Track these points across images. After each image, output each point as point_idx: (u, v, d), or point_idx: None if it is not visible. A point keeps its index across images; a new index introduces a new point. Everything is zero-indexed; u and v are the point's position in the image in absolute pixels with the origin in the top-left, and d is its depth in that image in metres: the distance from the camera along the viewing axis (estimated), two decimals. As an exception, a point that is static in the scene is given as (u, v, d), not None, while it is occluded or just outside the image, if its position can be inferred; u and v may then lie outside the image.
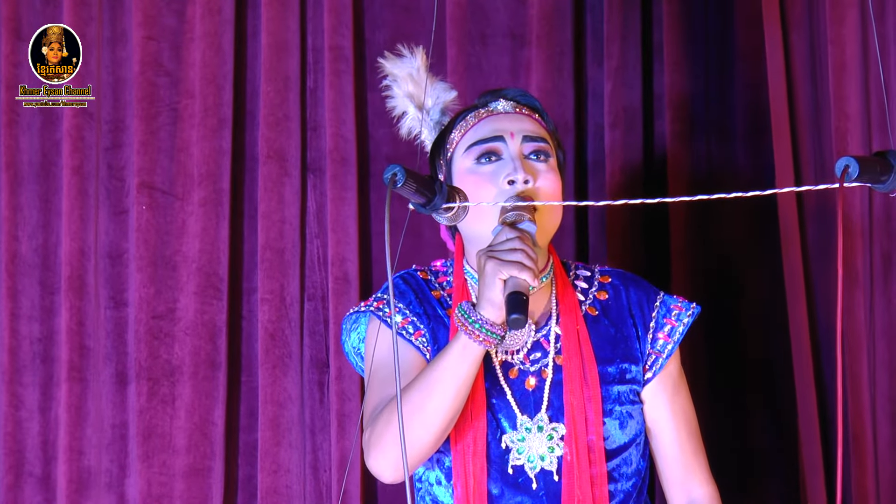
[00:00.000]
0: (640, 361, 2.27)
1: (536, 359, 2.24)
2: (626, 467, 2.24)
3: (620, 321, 2.27)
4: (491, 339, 2.08)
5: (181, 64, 3.00)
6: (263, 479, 2.91)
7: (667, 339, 2.28)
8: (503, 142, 2.24)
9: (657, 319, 2.29)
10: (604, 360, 2.24)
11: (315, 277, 2.97)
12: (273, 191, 2.94)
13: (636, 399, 2.26)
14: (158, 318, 2.95)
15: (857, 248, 2.66)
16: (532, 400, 2.22)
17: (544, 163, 2.24)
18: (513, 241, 2.09)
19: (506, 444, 2.20)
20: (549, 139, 2.27)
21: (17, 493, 2.99)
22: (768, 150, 2.76)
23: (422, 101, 2.39)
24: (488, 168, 2.23)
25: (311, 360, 2.95)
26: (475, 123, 2.29)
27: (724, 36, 2.91)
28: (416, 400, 2.13)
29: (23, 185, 3.02)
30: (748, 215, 2.85)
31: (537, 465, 2.19)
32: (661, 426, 2.29)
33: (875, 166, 2.01)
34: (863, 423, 2.64)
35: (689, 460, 2.29)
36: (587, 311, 2.28)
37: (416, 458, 2.16)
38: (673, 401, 2.29)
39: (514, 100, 2.31)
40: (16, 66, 3.01)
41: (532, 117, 2.29)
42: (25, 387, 3.00)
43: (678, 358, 2.31)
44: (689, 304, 2.31)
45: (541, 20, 2.90)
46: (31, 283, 3.02)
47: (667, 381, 2.28)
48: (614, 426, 2.22)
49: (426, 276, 2.35)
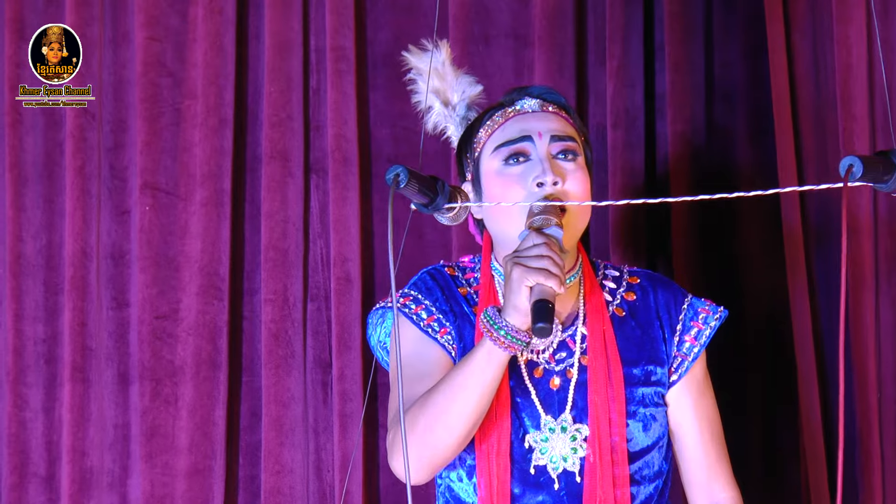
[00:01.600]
0: (666, 364, 2.25)
1: (562, 359, 2.23)
2: (647, 470, 2.23)
3: (647, 323, 2.26)
4: (516, 346, 2.08)
5: (184, 64, 3.00)
6: (267, 479, 2.91)
7: (693, 342, 2.27)
8: (531, 142, 2.22)
9: (684, 322, 2.28)
10: (629, 361, 2.23)
11: (318, 278, 2.97)
12: (276, 191, 2.94)
13: (660, 401, 2.25)
14: (161, 318, 2.95)
15: (863, 247, 2.66)
16: (556, 400, 2.21)
17: (573, 162, 2.22)
18: (539, 247, 2.07)
19: (529, 443, 2.20)
20: (576, 137, 2.25)
21: (21, 492, 3.00)
22: (771, 150, 2.76)
23: (447, 97, 2.37)
24: (517, 170, 2.22)
25: (315, 360, 2.95)
26: (502, 123, 2.27)
27: (727, 35, 2.90)
28: (440, 404, 2.12)
29: (27, 185, 3.03)
30: (751, 215, 2.85)
31: (560, 465, 2.19)
32: (686, 429, 2.27)
33: (878, 166, 2.01)
34: (869, 424, 2.64)
35: (713, 464, 2.28)
36: (614, 311, 2.27)
37: (439, 462, 2.16)
38: (697, 404, 2.27)
39: (540, 97, 2.29)
40: (19, 66, 3.02)
41: (559, 115, 2.28)
42: (30, 387, 3.00)
43: (704, 361, 2.29)
44: (716, 308, 2.30)
45: (543, 20, 2.90)
46: (35, 284, 3.02)
47: (692, 384, 2.27)
48: (637, 428, 2.21)
49: (453, 273, 2.33)
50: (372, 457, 2.93)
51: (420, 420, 2.13)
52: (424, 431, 2.12)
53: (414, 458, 2.12)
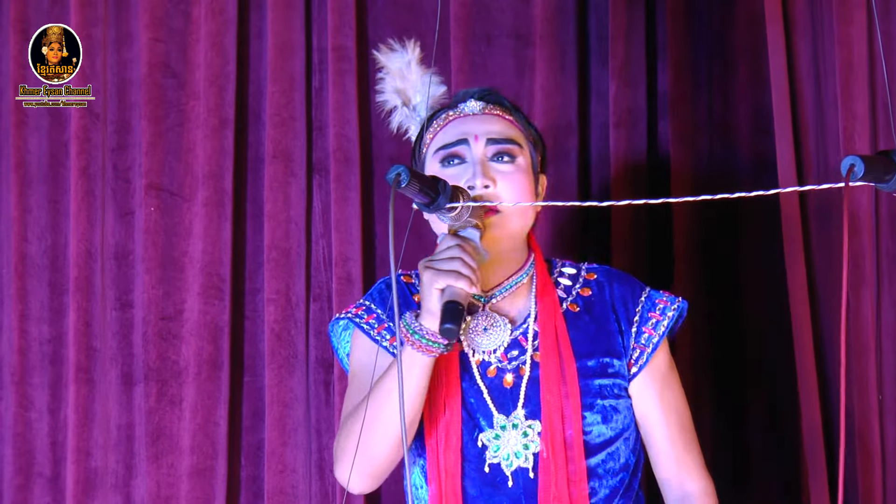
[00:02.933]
0: (624, 356, 2.26)
1: (514, 356, 2.24)
2: (612, 462, 2.23)
3: (603, 317, 2.27)
4: (433, 349, 2.11)
5: (188, 65, 3.00)
6: (270, 479, 2.91)
7: (651, 332, 2.27)
8: (467, 145, 2.25)
9: (641, 314, 2.28)
10: (583, 354, 2.24)
11: (321, 277, 2.97)
12: (279, 191, 2.94)
13: (622, 393, 2.25)
14: (167, 319, 2.96)
15: (864, 247, 2.66)
16: (509, 398, 2.22)
17: (510, 164, 2.24)
18: (451, 249, 2.10)
19: (482, 442, 2.21)
20: (518, 139, 2.27)
21: (26, 493, 3.00)
22: (772, 150, 2.76)
23: (409, 97, 2.40)
24: (452, 171, 2.25)
25: (317, 360, 2.95)
26: (444, 125, 2.31)
27: (727, 35, 2.90)
28: (371, 411, 2.15)
29: (31, 186, 3.03)
30: (751, 215, 2.85)
31: (513, 462, 2.19)
32: (652, 420, 2.28)
33: (879, 165, 2.00)
34: (869, 425, 2.63)
35: (681, 454, 2.28)
36: (568, 307, 2.28)
37: (379, 469, 2.20)
38: (662, 395, 2.28)
39: (483, 100, 2.31)
40: (24, 66, 3.02)
41: (502, 117, 2.29)
42: (35, 388, 3.01)
43: (666, 352, 2.30)
44: (674, 299, 2.30)
45: (545, 20, 2.90)
46: (40, 285, 3.03)
47: (655, 375, 2.28)
48: (596, 420, 2.22)
49: (409, 280, 2.36)
50: (374, 457, 2.93)
51: (354, 428, 2.17)
52: (365, 441, 2.16)
53: (355, 467, 2.17)
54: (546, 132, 2.84)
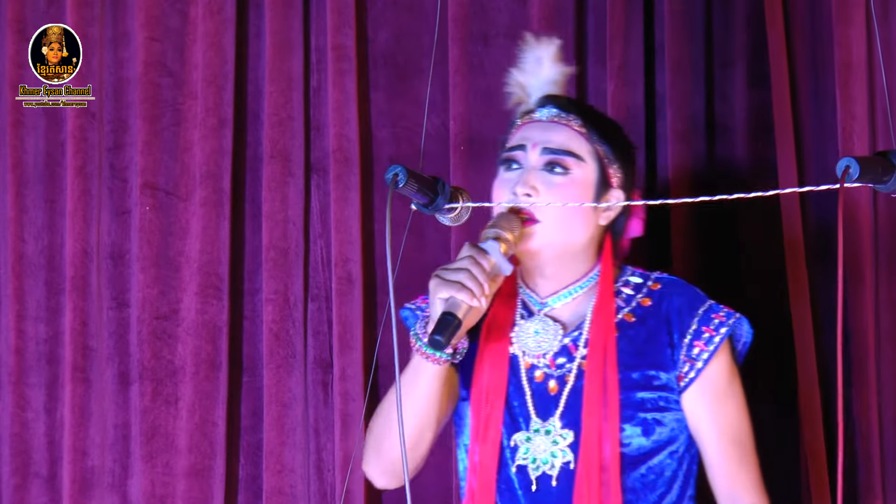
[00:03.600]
0: (672, 369, 2.24)
1: (561, 364, 2.25)
2: (654, 476, 2.23)
3: (655, 328, 2.26)
4: (436, 357, 2.15)
5: (185, 65, 3.00)
6: (268, 479, 2.91)
7: (703, 347, 2.24)
8: (524, 151, 2.26)
9: (697, 327, 2.26)
10: (628, 365, 2.23)
11: (319, 278, 2.97)
12: (277, 191, 2.94)
13: (668, 406, 2.24)
14: (162, 318, 2.96)
15: (863, 247, 2.66)
16: (551, 403, 2.23)
17: (562, 176, 2.23)
18: (462, 260, 2.11)
19: (515, 442, 2.22)
20: (580, 152, 2.25)
21: (23, 493, 3.00)
22: (771, 150, 2.76)
23: (527, 94, 2.36)
24: (507, 176, 2.26)
25: (315, 360, 2.95)
26: (517, 129, 2.31)
27: (727, 35, 2.90)
28: (386, 412, 2.25)
29: (28, 185, 3.03)
30: (751, 215, 2.85)
31: (539, 467, 2.20)
32: (704, 435, 2.25)
33: (877, 167, 2.01)
34: (869, 424, 2.63)
35: (735, 469, 2.25)
36: (624, 317, 2.27)
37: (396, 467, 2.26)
38: (714, 409, 2.24)
39: (558, 107, 2.30)
40: (20, 66, 3.02)
41: (570, 128, 2.28)
42: (31, 387, 3.01)
43: (721, 366, 2.26)
44: (731, 314, 2.28)
45: (542, 20, 2.89)
46: (36, 284, 3.03)
47: (706, 389, 2.24)
48: (636, 433, 2.21)
49: None
50: (373, 457, 2.93)
51: (374, 428, 2.28)
52: (377, 438, 2.27)
53: (374, 465, 2.28)
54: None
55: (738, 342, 2.31)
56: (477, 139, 2.90)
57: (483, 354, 2.26)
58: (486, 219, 2.85)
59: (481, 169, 2.90)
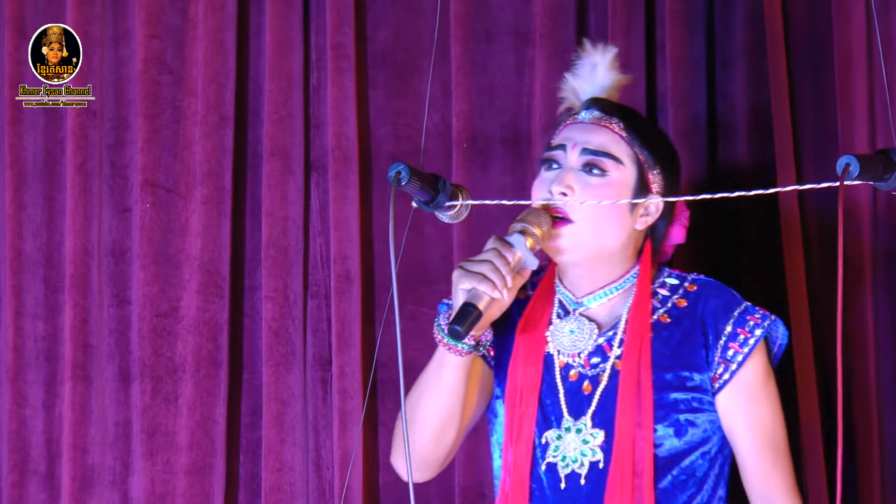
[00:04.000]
0: (706, 370, 2.24)
1: (595, 363, 2.26)
2: (685, 476, 2.23)
3: (691, 329, 2.26)
4: (457, 348, 2.17)
5: (184, 62, 3.00)
6: (267, 476, 2.91)
7: (738, 349, 2.25)
8: (564, 151, 2.27)
9: (732, 329, 2.26)
10: (662, 366, 2.23)
11: (318, 275, 2.97)
12: (276, 188, 2.94)
13: (702, 407, 2.24)
14: (162, 316, 2.96)
15: (862, 245, 2.66)
16: (583, 403, 2.24)
17: (599, 177, 2.24)
18: (487, 252, 2.12)
19: (546, 439, 2.23)
20: (619, 155, 2.25)
21: (21, 490, 3.00)
22: (771, 148, 2.76)
23: (578, 99, 2.38)
24: (546, 175, 2.27)
25: (314, 357, 2.95)
26: (560, 130, 2.32)
27: (727, 33, 2.91)
28: (410, 404, 2.25)
29: (27, 183, 3.03)
30: (751, 213, 2.85)
31: (569, 465, 2.21)
32: (738, 436, 2.26)
33: (877, 164, 2.01)
34: (869, 422, 2.64)
35: (768, 470, 2.25)
36: (659, 318, 2.28)
37: (425, 458, 2.26)
38: (749, 411, 2.25)
39: (601, 110, 2.30)
40: (19, 64, 3.02)
41: (612, 130, 2.28)
42: (30, 385, 3.01)
43: (756, 368, 2.26)
44: (766, 316, 2.28)
45: (544, 18, 2.90)
46: (35, 282, 3.03)
47: (741, 391, 2.24)
48: (668, 433, 2.21)
49: None
50: (372, 454, 2.93)
51: (400, 421, 2.26)
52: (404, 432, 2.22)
53: (401, 457, 2.29)
54: (546, 131, 2.84)
55: (774, 344, 2.31)
56: (479, 137, 2.90)
57: (518, 352, 2.27)
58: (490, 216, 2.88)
59: (483, 166, 2.90)
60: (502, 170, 2.92)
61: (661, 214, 2.31)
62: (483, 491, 2.88)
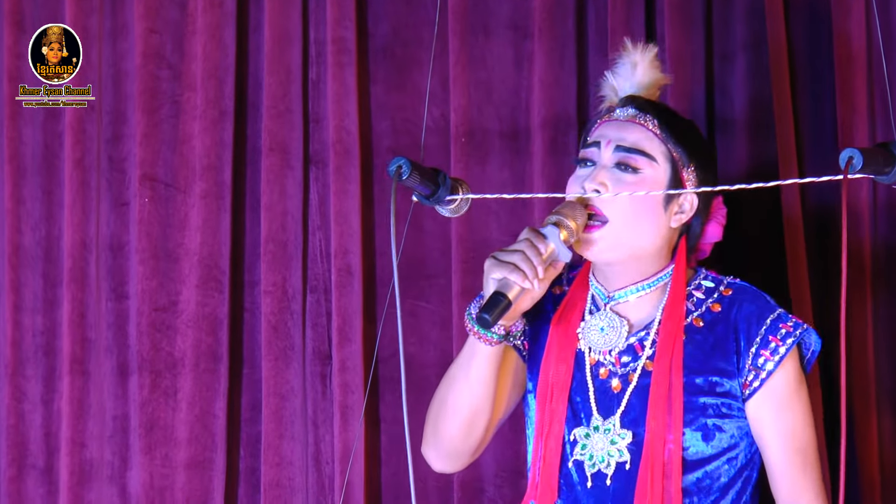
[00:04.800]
0: (737, 376, 2.24)
1: (626, 362, 2.26)
2: (708, 481, 2.23)
3: (723, 335, 2.25)
4: (488, 338, 2.17)
5: (183, 56, 3.00)
6: (267, 471, 2.91)
7: (769, 357, 2.24)
8: (598, 148, 2.26)
9: (764, 336, 2.25)
10: (693, 370, 2.23)
11: (317, 270, 2.97)
12: (275, 183, 2.94)
13: (731, 413, 2.24)
14: (160, 310, 2.96)
15: (862, 239, 2.67)
16: (614, 402, 2.24)
17: (632, 175, 2.23)
18: (520, 242, 2.12)
19: (574, 436, 2.24)
20: (653, 153, 2.25)
21: (19, 484, 3.00)
22: (771, 142, 2.76)
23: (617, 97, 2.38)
24: (581, 172, 2.27)
25: (314, 352, 2.95)
26: (595, 127, 2.32)
27: (726, 28, 2.91)
28: (441, 394, 2.26)
29: (25, 177, 3.03)
30: (750, 208, 2.85)
31: (596, 465, 2.22)
32: (768, 442, 2.25)
33: (878, 158, 2.01)
34: (868, 418, 2.64)
35: (797, 477, 2.25)
36: (692, 321, 2.27)
37: (454, 450, 2.28)
38: (778, 417, 2.24)
39: (637, 108, 2.30)
40: (18, 57, 3.02)
41: (646, 128, 2.27)
42: (28, 379, 3.01)
43: (788, 376, 2.25)
44: (798, 324, 2.27)
45: (543, 12, 2.90)
46: (33, 276, 3.03)
47: (771, 398, 2.24)
48: (696, 437, 2.21)
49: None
50: (373, 449, 2.93)
51: (431, 411, 2.28)
52: (434, 422, 2.28)
53: (432, 447, 2.29)
54: (544, 125, 2.84)
55: (807, 350, 2.30)
56: (477, 131, 2.90)
57: (550, 348, 2.28)
58: (489, 210, 2.88)
59: (481, 161, 2.90)
60: (500, 164, 2.92)
61: (695, 212, 2.30)
62: (482, 486, 2.89)
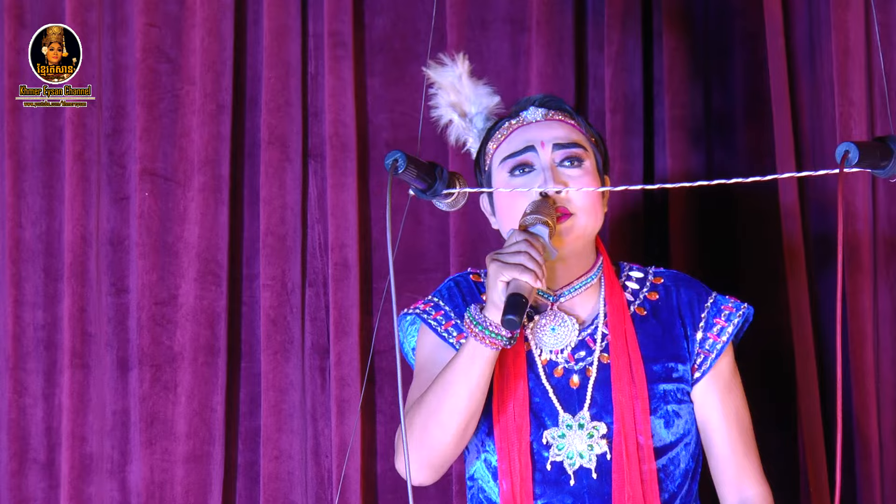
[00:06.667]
0: (688, 361, 2.27)
1: (581, 357, 2.26)
2: (673, 467, 2.24)
3: (669, 321, 2.28)
4: (496, 341, 2.13)
5: (182, 50, 3.00)
6: (265, 465, 2.92)
7: (716, 338, 2.28)
8: (534, 152, 2.26)
9: (707, 319, 2.29)
10: (649, 358, 2.25)
11: (316, 263, 2.98)
12: (274, 176, 2.94)
13: (684, 398, 2.26)
14: (161, 304, 2.96)
15: (861, 233, 2.66)
16: (575, 398, 2.23)
17: (578, 168, 2.25)
18: (519, 243, 2.11)
19: (546, 440, 2.22)
20: (582, 143, 2.27)
21: (21, 479, 3.00)
22: (769, 136, 2.76)
23: (464, 110, 2.38)
24: (521, 180, 2.25)
25: (312, 346, 2.96)
26: (508, 135, 2.31)
27: (724, 20, 2.91)
28: (432, 403, 2.18)
29: (26, 171, 3.03)
30: (749, 201, 2.85)
31: (577, 462, 2.21)
32: (713, 426, 2.28)
33: (875, 152, 2.01)
34: (867, 413, 2.64)
35: (741, 460, 2.28)
36: (635, 311, 2.29)
37: (439, 461, 2.22)
38: (724, 400, 2.28)
39: (544, 106, 2.31)
40: (18, 52, 3.02)
41: (565, 122, 2.30)
42: (29, 373, 3.01)
43: (730, 358, 2.30)
44: (740, 305, 2.31)
45: (541, 5, 2.90)
46: (34, 270, 3.03)
47: (718, 381, 2.28)
48: (659, 425, 2.23)
49: (478, 279, 2.37)
50: (370, 442, 2.94)
51: (416, 420, 2.20)
52: (421, 431, 2.19)
53: (414, 459, 2.20)
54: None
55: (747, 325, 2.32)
56: (475, 125, 2.90)
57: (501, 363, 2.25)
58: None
59: (479, 154, 2.90)
60: (498, 158, 2.91)
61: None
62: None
